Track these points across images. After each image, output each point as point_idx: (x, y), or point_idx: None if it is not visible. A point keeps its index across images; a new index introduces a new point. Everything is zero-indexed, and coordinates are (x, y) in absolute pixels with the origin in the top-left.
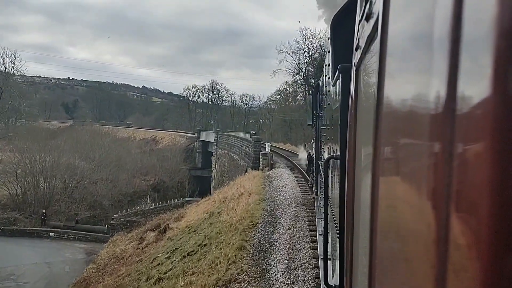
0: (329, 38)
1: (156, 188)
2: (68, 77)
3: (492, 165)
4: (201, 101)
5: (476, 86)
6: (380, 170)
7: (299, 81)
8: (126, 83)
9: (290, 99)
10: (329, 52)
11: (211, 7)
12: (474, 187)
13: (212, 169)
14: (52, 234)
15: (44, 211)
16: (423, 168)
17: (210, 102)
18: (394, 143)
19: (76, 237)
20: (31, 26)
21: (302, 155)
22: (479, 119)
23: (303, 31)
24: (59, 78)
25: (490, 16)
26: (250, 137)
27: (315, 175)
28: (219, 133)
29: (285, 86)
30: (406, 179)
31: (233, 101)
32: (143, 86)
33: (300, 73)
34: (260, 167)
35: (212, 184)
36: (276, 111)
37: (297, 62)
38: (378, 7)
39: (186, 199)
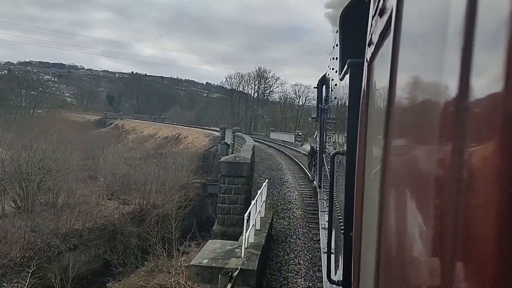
0: (337, 31)
1: (138, 217)
2: (132, 72)
3: (503, 164)
4: (246, 91)
5: (489, 84)
6: (391, 168)
7: None
8: (190, 79)
9: None
10: (337, 45)
11: (273, 3)
12: (484, 185)
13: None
14: None
15: None
16: (435, 167)
17: (255, 94)
18: (406, 141)
19: None
20: (101, 22)
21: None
22: (491, 117)
23: None
24: (123, 72)
25: (504, 12)
26: (295, 139)
27: (318, 168)
28: (236, 133)
29: None
30: (417, 177)
31: (284, 92)
32: (207, 82)
33: None
34: None
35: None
36: None
37: None
38: (391, 2)
39: None
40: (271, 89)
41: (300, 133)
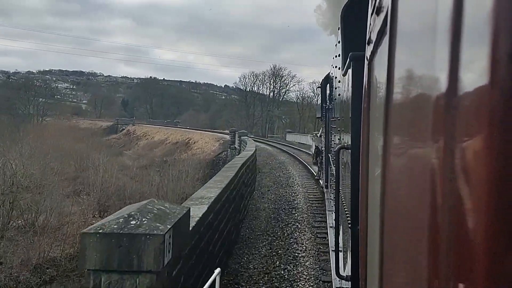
0: (339, 28)
1: None
2: (150, 77)
3: (491, 161)
4: (261, 91)
5: (477, 81)
6: (392, 163)
7: None
8: (208, 82)
9: None
10: (339, 42)
11: (288, 5)
12: (477, 181)
13: None
14: None
15: None
16: (432, 161)
17: (271, 94)
18: (405, 137)
19: None
20: (119, 29)
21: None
22: (480, 113)
23: None
24: (140, 78)
25: (489, 9)
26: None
27: (324, 168)
28: (242, 137)
29: None
30: (416, 172)
31: (301, 90)
32: (225, 85)
33: None
34: None
35: None
36: None
37: None
38: (387, 1)
39: None
40: (287, 88)
41: (317, 134)
